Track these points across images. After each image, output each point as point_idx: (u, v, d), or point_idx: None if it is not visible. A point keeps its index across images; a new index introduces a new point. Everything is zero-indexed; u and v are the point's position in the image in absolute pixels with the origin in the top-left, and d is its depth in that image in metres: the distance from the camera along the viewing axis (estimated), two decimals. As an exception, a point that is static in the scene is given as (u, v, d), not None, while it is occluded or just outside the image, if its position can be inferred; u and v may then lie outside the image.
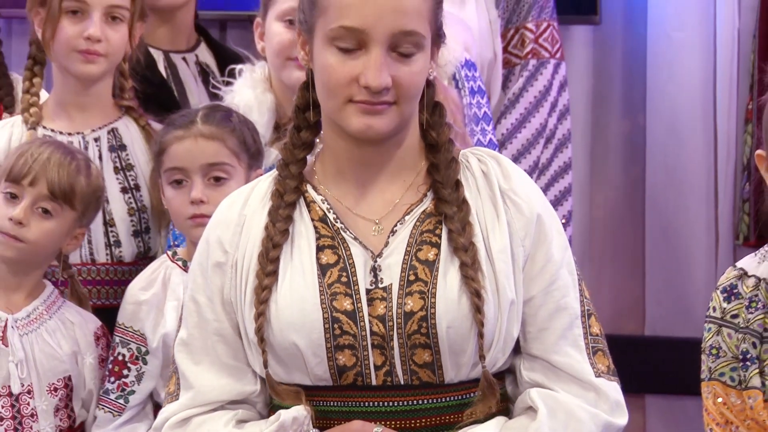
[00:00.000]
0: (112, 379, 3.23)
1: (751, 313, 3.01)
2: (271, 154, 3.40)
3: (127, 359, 3.24)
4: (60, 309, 3.32)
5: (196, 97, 3.85)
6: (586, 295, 2.69)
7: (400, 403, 2.58)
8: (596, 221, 4.66)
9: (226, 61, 3.95)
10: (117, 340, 3.27)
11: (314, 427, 2.61)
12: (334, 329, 2.55)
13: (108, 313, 3.38)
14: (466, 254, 2.56)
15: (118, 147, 3.58)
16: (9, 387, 3.20)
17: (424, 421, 2.59)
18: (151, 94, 3.72)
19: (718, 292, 3.04)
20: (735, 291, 3.03)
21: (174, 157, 3.26)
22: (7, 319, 3.24)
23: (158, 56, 3.94)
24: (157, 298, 3.25)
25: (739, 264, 3.06)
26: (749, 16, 4.53)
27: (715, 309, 3.03)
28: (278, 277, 2.63)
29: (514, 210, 2.64)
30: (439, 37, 2.65)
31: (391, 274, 2.59)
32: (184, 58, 4.01)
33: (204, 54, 4.06)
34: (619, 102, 4.71)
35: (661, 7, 4.59)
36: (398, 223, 2.62)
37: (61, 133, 3.54)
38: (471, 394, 2.60)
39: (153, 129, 3.58)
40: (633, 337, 4.53)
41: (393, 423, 2.59)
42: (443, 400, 2.59)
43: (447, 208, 2.61)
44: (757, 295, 3.01)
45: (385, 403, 2.58)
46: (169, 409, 2.68)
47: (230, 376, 2.66)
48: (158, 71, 3.90)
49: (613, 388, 2.63)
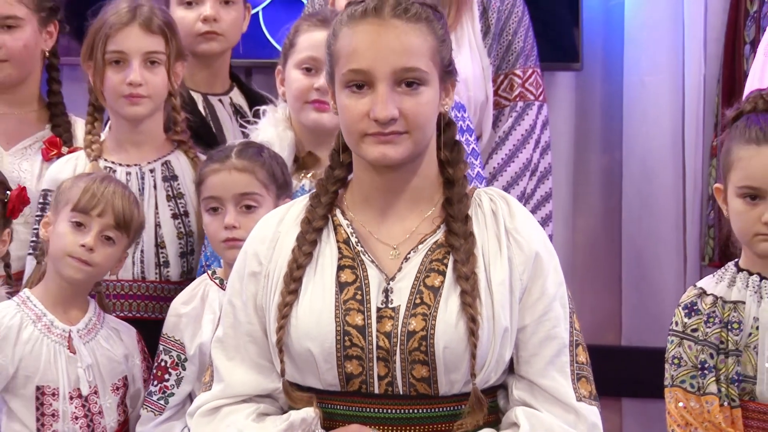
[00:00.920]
0: (156, 383, 3.24)
1: (709, 328, 3.04)
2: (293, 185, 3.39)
3: (168, 365, 3.24)
4: (105, 319, 3.33)
5: (232, 134, 3.83)
6: (577, 327, 2.68)
7: (399, 411, 2.59)
8: (578, 244, 4.65)
9: (256, 103, 3.93)
10: (161, 348, 3.27)
11: (322, 428, 2.60)
12: (345, 341, 2.56)
13: (154, 326, 3.39)
14: (467, 283, 2.56)
15: (171, 177, 3.57)
16: (79, 389, 3.19)
17: (419, 428, 2.60)
18: (193, 131, 3.69)
19: (680, 308, 3.08)
20: (695, 308, 3.07)
21: (211, 187, 3.26)
22: (71, 331, 3.23)
23: (198, 98, 3.90)
24: (196, 311, 3.25)
25: (699, 284, 3.11)
26: (714, 64, 4.51)
27: (677, 323, 3.07)
28: (301, 290, 2.62)
29: (516, 247, 2.64)
30: (448, 74, 2.66)
31: (401, 296, 2.59)
32: (220, 100, 3.98)
33: (237, 97, 4.02)
34: (598, 139, 4.70)
35: (636, 55, 4.57)
36: (412, 251, 2.63)
37: (120, 165, 3.54)
38: (462, 406, 2.60)
39: (201, 160, 3.55)
40: (611, 347, 4.51)
41: (391, 428, 2.60)
42: (437, 410, 2.60)
43: (455, 240, 2.61)
44: (714, 312, 3.05)
45: (385, 410, 2.59)
46: (202, 398, 2.71)
47: (258, 373, 2.67)
48: (198, 111, 3.87)
49: (592, 412, 2.63)
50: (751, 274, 3.08)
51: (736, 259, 3.12)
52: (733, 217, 3.06)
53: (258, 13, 4.56)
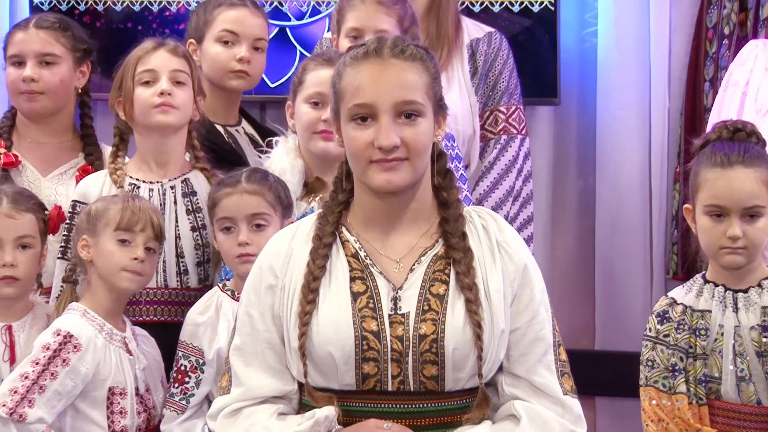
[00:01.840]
0: (176, 385, 3.23)
1: (680, 334, 3.07)
2: (301, 207, 3.40)
3: (188, 369, 3.23)
4: (132, 325, 3.33)
5: (251, 160, 3.79)
6: (557, 329, 2.72)
7: (410, 406, 2.61)
8: (556, 261, 4.63)
9: (262, 132, 3.97)
10: (180, 353, 3.25)
11: (339, 425, 2.61)
12: (363, 345, 2.58)
13: (173, 329, 3.36)
14: (470, 292, 2.59)
15: (190, 193, 3.55)
16: (137, 388, 3.21)
17: (428, 420, 2.62)
18: (222, 158, 3.71)
19: (653, 316, 3.11)
20: (667, 316, 3.09)
21: (224, 209, 3.27)
22: (125, 336, 3.25)
23: (220, 129, 3.89)
24: (212, 320, 3.24)
25: (671, 294, 3.14)
26: (677, 100, 4.51)
27: (650, 330, 3.09)
28: (318, 301, 2.62)
29: (507, 258, 2.67)
30: (440, 108, 2.68)
31: (409, 303, 2.60)
32: (237, 130, 3.98)
33: (248, 127, 4.02)
34: (574, 166, 4.67)
35: (608, 92, 4.54)
36: (416, 263, 2.64)
37: (143, 181, 3.52)
38: (466, 400, 2.63)
39: (217, 179, 3.52)
40: (586, 351, 4.50)
41: (404, 421, 2.61)
42: (444, 404, 2.62)
43: (455, 253, 2.63)
44: (684, 319, 3.08)
45: (398, 405, 2.61)
46: (221, 401, 2.71)
47: (274, 377, 2.68)
48: (225, 140, 3.88)
49: (576, 404, 2.68)
50: (716, 286, 3.10)
51: (704, 272, 3.14)
52: (701, 234, 3.08)
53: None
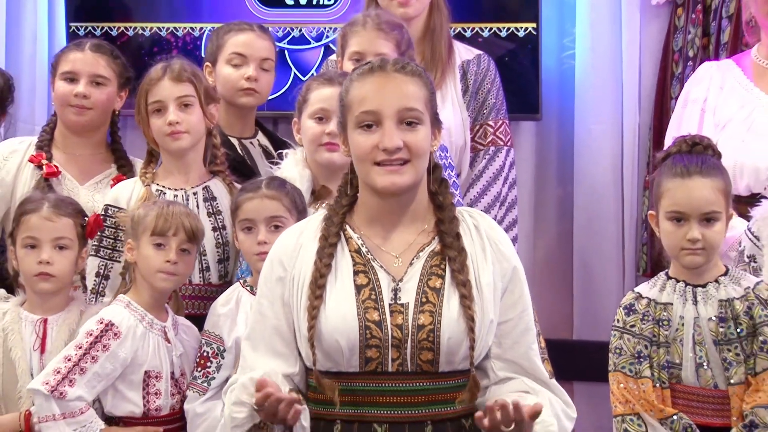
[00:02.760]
0: (199, 369, 3.23)
1: (644, 324, 3.08)
2: (310, 212, 3.34)
3: (209, 355, 3.23)
4: (175, 315, 3.34)
5: (262, 170, 3.80)
6: (536, 320, 2.74)
7: (408, 385, 2.62)
8: (538, 260, 4.61)
9: (276, 144, 3.98)
10: (203, 341, 3.25)
11: (341, 402, 2.60)
12: (366, 333, 2.58)
13: (199, 320, 3.38)
14: (464, 288, 2.59)
15: (210, 198, 3.56)
16: (173, 372, 3.22)
17: (424, 397, 2.63)
18: (234, 168, 3.71)
19: (621, 309, 3.12)
20: (633, 308, 3.10)
21: (246, 212, 3.27)
22: (165, 326, 3.25)
23: (234, 141, 3.89)
24: (232, 312, 3.24)
25: (637, 289, 3.16)
26: (647, 115, 4.51)
27: (618, 321, 3.10)
28: (325, 295, 2.61)
29: (498, 254, 2.67)
30: (436, 120, 2.67)
31: (408, 295, 2.61)
32: (251, 143, 3.98)
33: (263, 139, 4.02)
34: (554, 175, 4.65)
35: (584, 108, 4.53)
36: (414, 258, 2.64)
37: (169, 188, 3.54)
38: (458, 380, 2.63)
39: (235, 186, 3.56)
40: (564, 340, 4.50)
41: (401, 398, 2.62)
42: (438, 384, 2.63)
43: (450, 252, 2.64)
44: (648, 311, 3.09)
45: (397, 384, 2.61)
46: (231, 379, 2.75)
47: (279, 359, 2.68)
48: (238, 152, 3.87)
49: (560, 388, 2.68)
50: (678, 282, 3.12)
51: (667, 270, 3.16)
52: (664, 237, 3.10)
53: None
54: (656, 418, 3.04)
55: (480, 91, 4.02)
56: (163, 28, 4.63)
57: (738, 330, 3.05)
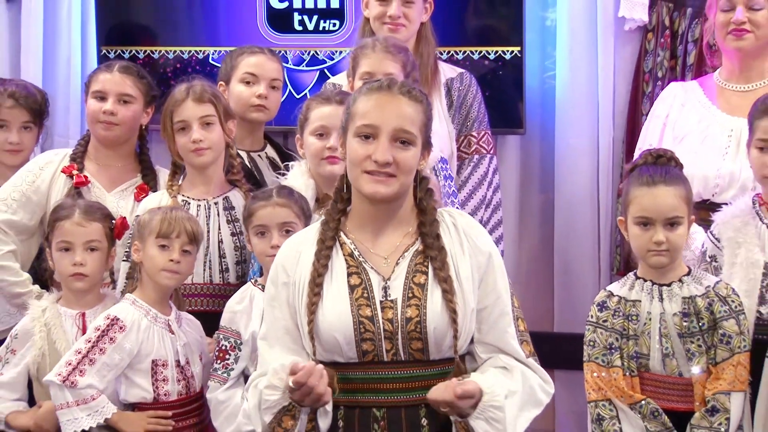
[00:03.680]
0: (219, 361, 3.22)
1: (615, 319, 3.08)
2: (314, 218, 3.34)
3: (228, 348, 3.22)
4: (177, 310, 3.33)
5: (269, 180, 3.81)
6: (516, 305, 2.71)
7: (401, 372, 2.62)
8: (523, 260, 4.60)
9: (283, 156, 3.98)
10: (221, 336, 3.24)
11: (341, 389, 2.58)
12: (360, 328, 2.58)
13: (215, 317, 3.36)
14: (446, 283, 2.59)
15: (230, 207, 3.58)
16: (178, 360, 3.22)
17: (417, 383, 2.64)
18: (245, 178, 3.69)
19: (595, 305, 3.13)
20: (605, 305, 3.10)
21: (259, 218, 3.25)
22: (169, 319, 3.25)
23: (243, 155, 3.88)
24: (246, 309, 3.24)
25: (608, 287, 3.17)
26: (620, 130, 4.48)
27: (592, 316, 3.11)
28: (323, 294, 2.60)
29: (475, 248, 2.66)
30: (428, 143, 2.66)
31: (396, 291, 2.60)
32: (259, 155, 3.98)
33: (271, 151, 4.03)
34: (537, 184, 4.64)
35: (564, 123, 4.51)
36: (400, 258, 2.64)
37: (193, 199, 3.55)
38: (447, 367, 2.63)
39: (250, 196, 3.52)
40: (546, 333, 4.48)
41: (397, 384, 2.63)
42: (429, 370, 2.63)
43: (431, 252, 2.63)
44: (619, 308, 3.09)
45: (392, 372, 2.62)
46: (252, 376, 2.76)
47: (292, 355, 2.65)
48: (246, 164, 3.85)
49: (539, 367, 2.66)
50: (645, 281, 3.13)
51: (635, 270, 3.17)
52: (632, 240, 3.11)
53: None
54: (626, 403, 3.05)
55: (463, 105, 4.00)
56: (185, 51, 4.64)
57: (700, 324, 3.06)
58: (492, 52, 4.48)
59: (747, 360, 3.05)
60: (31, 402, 3.34)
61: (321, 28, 4.55)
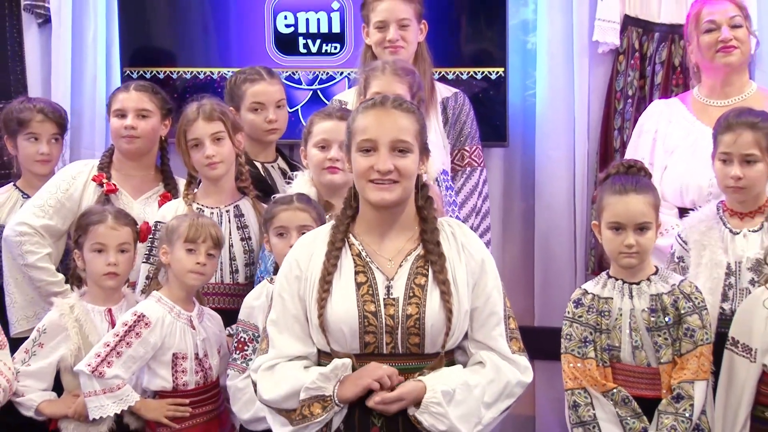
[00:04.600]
0: (238, 352, 3.21)
1: (590, 315, 3.07)
2: None
3: (246, 340, 3.20)
4: (202, 308, 3.35)
5: (281, 189, 3.80)
6: (508, 305, 2.71)
7: (399, 364, 2.63)
8: (506, 261, 4.55)
9: (290, 166, 3.99)
10: (239, 329, 3.21)
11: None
12: (365, 323, 2.59)
13: (229, 313, 3.39)
14: (444, 286, 2.60)
15: (239, 215, 3.59)
16: (197, 354, 3.23)
17: (411, 374, 2.64)
18: (256, 187, 3.71)
19: (571, 302, 3.12)
20: (580, 302, 3.10)
21: (281, 220, 3.22)
22: (191, 315, 3.26)
23: (259, 165, 3.91)
24: (263, 304, 3.20)
25: (583, 286, 3.16)
26: (594, 143, 4.46)
27: (568, 312, 3.11)
28: (332, 290, 2.61)
29: (469, 255, 2.67)
30: (425, 149, 2.65)
31: (399, 290, 2.61)
32: (272, 166, 3.99)
33: (282, 163, 4.04)
34: (519, 192, 4.62)
35: (544, 137, 4.49)
36: (403, 261, 2.64)
37: (207, 207, 3.56)
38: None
39: (259, 203, 3.57)
40: (527, 326, 4.39)
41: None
42: (424, 363, 2.66)
43: (432, 257, 2.64)
44: (593, 304, 3.08)
45: (390, 363, 2.62)
46: (260, 359, 2.71)
47: (299, 342, 2.68)
48: (261, 174, 3.88)
49: (523, 360, 2.69)
50: (617, 280, 3.13)
51: (608, 270, 3.17)
52: (605, 243, 3.12)
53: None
54: (599, 391, 3.05)
55: (457, 122, 4.00)
56: (201, 72, 4.64)
57: (666, 319, 3.05)
58: (479, 72, 4.48)
59: (709, 351, 3.04)
60: (56, 392, 3.34)
61: (323, 51, 4.55)
